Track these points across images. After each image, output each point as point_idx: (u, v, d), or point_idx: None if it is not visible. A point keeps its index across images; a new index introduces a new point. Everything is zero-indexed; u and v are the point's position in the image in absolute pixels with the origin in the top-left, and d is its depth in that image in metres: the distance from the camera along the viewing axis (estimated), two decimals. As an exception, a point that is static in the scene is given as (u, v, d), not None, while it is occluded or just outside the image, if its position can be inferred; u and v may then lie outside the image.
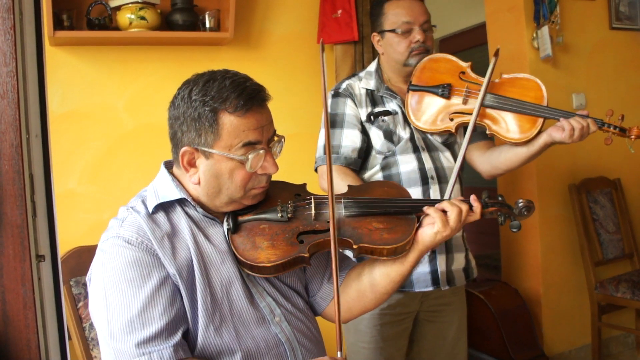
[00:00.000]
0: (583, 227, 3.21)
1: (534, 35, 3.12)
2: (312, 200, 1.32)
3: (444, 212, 1.32)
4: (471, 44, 4.42)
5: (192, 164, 1.25)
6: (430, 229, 1.31)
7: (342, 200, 1.34)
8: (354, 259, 1.55)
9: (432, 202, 1.36)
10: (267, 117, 1.25)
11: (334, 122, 1.96)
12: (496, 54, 1.94)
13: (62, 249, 1.65)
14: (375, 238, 1.29)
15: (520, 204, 1.41)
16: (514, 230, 1.40)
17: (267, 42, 2.95)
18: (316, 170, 2.00)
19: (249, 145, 1.21)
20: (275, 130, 1.29)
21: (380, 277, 1.35)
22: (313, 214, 1.30)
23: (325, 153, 1.93)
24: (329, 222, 1.29)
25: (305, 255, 1.23)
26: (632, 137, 1.85)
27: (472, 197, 1.37)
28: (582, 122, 1.79)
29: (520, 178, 3.22)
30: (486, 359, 3.08)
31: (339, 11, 2.92)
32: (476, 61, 1.99)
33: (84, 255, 1.88)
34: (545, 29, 3.06)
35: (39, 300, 1.24)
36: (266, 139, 1.24)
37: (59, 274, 1.30)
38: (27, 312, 1.20)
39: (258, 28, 2.93)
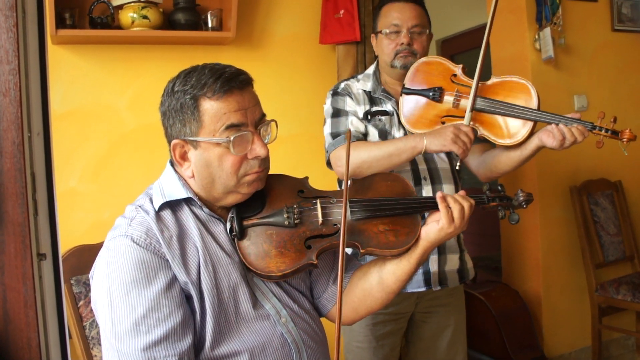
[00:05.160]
0: (584, 229, 3.21)
1: (536, 36, 3.12)
2: (318, 204, 1.30)
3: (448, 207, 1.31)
4: (472, 46, 4.41)
5: (184, 157, 1.25)
6: (435, 226, 1.31)
7: (348, 203, 1.32)
8: (359, 259, 1.56)
9: (434, 200, 1.35)
10: (249, 99, 1.23)
11: (338, 113, 1.98)
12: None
13: (63, 248, 1.64)
14: (382, 241, 1.30)
15: (521, 198, 1.47)
16: (513, 223, 1.45)
17: (269, 42, 2.95)
18: (327, 162, 1.99)
19: (232, 128, 1.20)
20: (264, 114, 1.27)
21: (386, 275, 1.35)
22: (320, 220, 1.29)
23: (333, 139, 1.92)
24: (335, 225, 1.29)
25: (314, 262, 1.24)
26: (625, 140, 1.80)
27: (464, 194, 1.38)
28: (575, 134, 1.75)
29: (522, 179, 3.22)
30: (486, 361, 3.08)
31: (341, 11, 2.92)
32: (477, 63, 1.96)
33: (85, 254, 1.88)
34: (547, 31, 3.06)
35: (40, 299, 1.24)
36: (252, 121, 1.22)
37: (60, 272, 1.30)
38: (28, 311, 1.20)
39: (260, 28, 2.93)
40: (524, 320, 3.09)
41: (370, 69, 2.08)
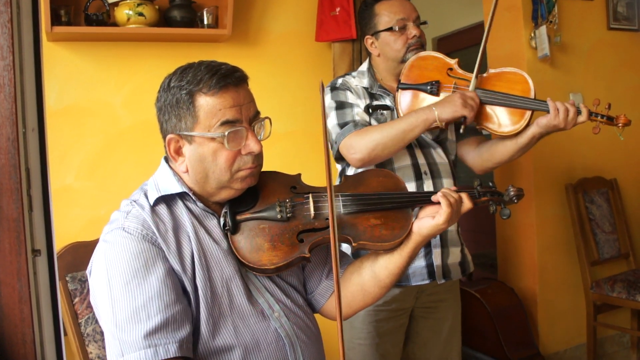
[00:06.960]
0: (579, 226, 3.22)
1: (532, 34, 3.13)
2: (310, 198, 1.32)
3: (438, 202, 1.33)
4: (469, 43, 4.42)
5: (178, 152, 1.26)
6: (429, 221, 1.32)
7: (340, 197, 1.34)
8: (351, 254, 1.56)
9: (426, 195, 1.37)
10: (244, 96, 1.25)
11: (342, 105, 1.97)
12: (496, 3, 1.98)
13: (59, 245, 1.64)
14: (374, 235, 1.31)
15: (512, 193, 1.48)
16: (504, 217, 1.46)
17: (265, 39, 2.95)
18: (336, 156, 1.97)
19: (227, 124, 1.21)
20: (258, 111, 1.29)
21: (379, 270, 1.36)
22: (312, 214, 1.30)
23: (341, 129, 1.91)
24: (327, 219, 1.30)
25: (307, 255, 1.25)
26: (620, 125, 1.86)
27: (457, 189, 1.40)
28: (567, 104, 1.81)
29: (517, 177, 3.23)
30: (482, 358, 3.09)
31: (337, 9, 2.92)
32: (474, 60, 2.00)
33: (81, 251, 1.87)
34: (543, 29, 3.07)
35: (35, 295, 1.24)
36: (246, 118, 1.24)
37: (55, 268, 1.30)
38: (23, 307, 1.20)
39: (256, 25, 2.93)
40: (520, 318, 3.10)
41: (364, 66, 2.08)
